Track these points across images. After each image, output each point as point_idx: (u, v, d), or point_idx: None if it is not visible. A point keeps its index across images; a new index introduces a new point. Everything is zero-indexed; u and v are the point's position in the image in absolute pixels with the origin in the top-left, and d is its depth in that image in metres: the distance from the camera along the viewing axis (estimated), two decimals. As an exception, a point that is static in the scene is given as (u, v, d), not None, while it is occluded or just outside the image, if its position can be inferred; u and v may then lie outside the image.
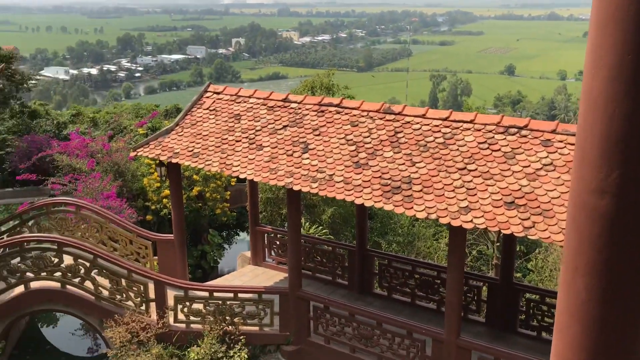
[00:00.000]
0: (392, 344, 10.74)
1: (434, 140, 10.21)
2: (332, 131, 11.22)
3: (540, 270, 16.44)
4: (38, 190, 20.68)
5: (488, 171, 9.31)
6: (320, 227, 16.52)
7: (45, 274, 11.85)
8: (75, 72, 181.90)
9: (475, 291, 12.35)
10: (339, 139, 11.01)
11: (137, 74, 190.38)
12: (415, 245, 17.39)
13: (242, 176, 11.15)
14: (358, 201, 9.83)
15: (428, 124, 10.53)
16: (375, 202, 9.65)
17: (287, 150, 11.20)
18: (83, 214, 14.05)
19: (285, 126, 11.78)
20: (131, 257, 13.79)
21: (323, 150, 10.93)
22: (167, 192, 18.33)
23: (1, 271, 11.72)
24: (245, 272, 15.00)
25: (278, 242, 15.00)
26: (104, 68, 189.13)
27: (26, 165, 19.63)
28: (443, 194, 9.28)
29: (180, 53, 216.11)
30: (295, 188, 10.48)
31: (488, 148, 9.67)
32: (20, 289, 12.00)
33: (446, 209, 9.05)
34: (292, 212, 11.55)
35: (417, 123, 10.64)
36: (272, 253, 15.13)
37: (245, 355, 11.53)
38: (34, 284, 12.00)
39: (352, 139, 10.89)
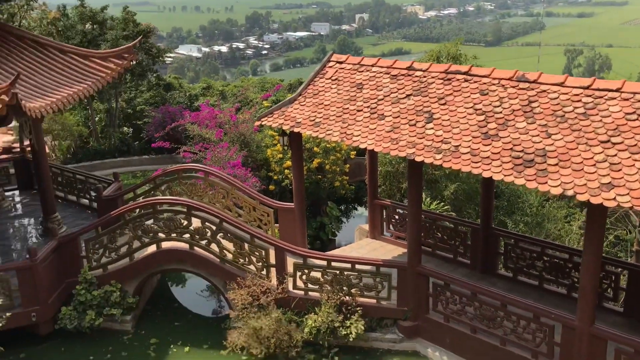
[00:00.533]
0: (517, 327, 10.12)
1: (573, 111, 9.33)
2: (459, 100, 10.65)
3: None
4: (171, 158, 21.94)
5: (636, 144, 8.34)
6: (442, 204, 15.96)
7: (175, 235, 12.51)
8: (207, 49, 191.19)
9: (612, 278, 11.30)
10: (467, 108, 10.43)
11: (264, 52, 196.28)
12: (544, 226, 16.30)
13: (362, 146, 10.95)
14: (485, 174, 9.25)
15: (567, 93, 9.64)
16: (505, 175, 9.02)
17: (410, 120, 10.81)
18: (211, 181, 14.64)
19: (408, 95, 11.37)
20: (254, 223, 14.18)
21: (449, 120, 10.42)
22: (289, 163, 18.62)
23: (136, 231, 12.53)
24: (363, 244, 14.90)
25: (397, 217, 14.69)
26: (233, 46, 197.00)
27: (160, 134, 20.85)
28: (582, 169, 8.46)
29: (305, 30, 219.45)
30: (418, 159, 10.09)
31: (638, 119, 8.66)
32: (152, 248, 12.76)
33: (585, 184, 8.25)
34: (412, 185, 11.18)
35: (554, 92, 9.79)
36: (390, 227, 14.87)
37: (362, 327, 11.46)
38: (165, 244, 12.71)
39: (480, 109, 10.26)
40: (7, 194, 17.58)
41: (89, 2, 23.15)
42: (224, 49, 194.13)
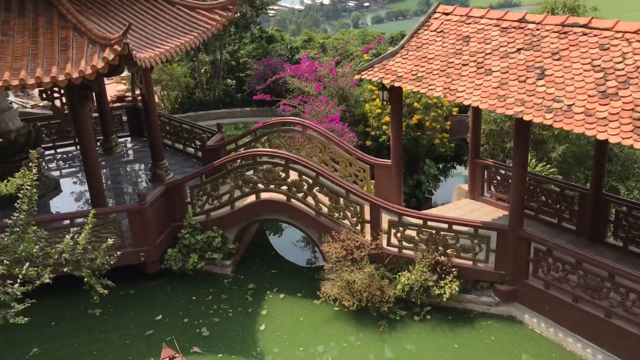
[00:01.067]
0: (625, 300, 9.52)
1: None
2: (576, 55, 9.87)
3: None
4: (271, 110, 22.26)
5: None
6: (548, 166, 15.12)
7: (273, 186, 12.78)
8: (309, 2, 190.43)
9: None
10: (583, 64, 9.66)
11: (366, 4, 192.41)
12: (663, 194, 15.03)
13: (466, 102, 10.50)
14: (601, 136, 8.60)
15: None
16: (623, 138, 8.34)
17: (520, 76, 10.19)
18: (308, 134, 14.73)
19: (519, 49, 10.69)
20: (350, 178, 14.17)
21: (562, 77, 9.71)
22: (387, 118, 18.33)
23: (237, 180, 12.91)
24: (461, 205, 14.50)
25: (499, 178, 14.11)
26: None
27: (262, 86, 21.13)
28: None
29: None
30: (526, 118, 9.54)
31: None
32: (252, 198, 13.12)
33: None
34: (519, 145, 10.62)
35: (689, 47, 8.81)
36: (491, 188, 14.33)
37: (457, 288, 11.26)
38: (264, 195, 13.03)
39: (599, 65, 9.47)
40: (119, 140, 18.68)
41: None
42: (325, 1, 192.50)
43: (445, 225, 11.53)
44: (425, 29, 12.68)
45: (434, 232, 11.59)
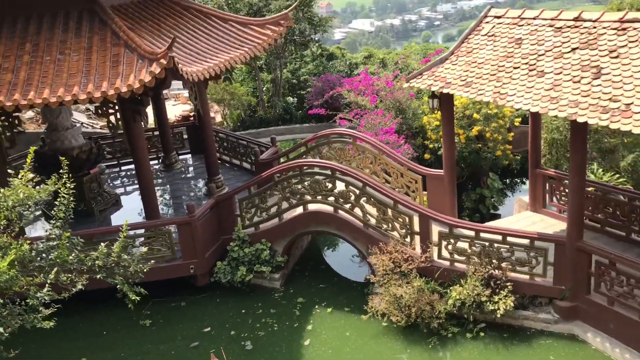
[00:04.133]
0: (699, 318, 8.60)
1: None
2: (636, 52, 9.16)
3: None
4: (329, 125, 22.22)
5: None
6: (617, 176, 14.11)
7: (320, 197, 12.60)
8: (379, 23, 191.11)
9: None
10: (644, 61, 8.94)
11: (437, 22, 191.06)
12: None
13: (516, 106, 9.97)
14: (662, 136, 7.88)
15: None
16: (687, 137, 7.59)
17: (574, 77, 9.57)
18: (359, 145, 14.50)
19: (574, 49, 10.06)
20: (401, 190, 13.79)
21: (620, 75, 9.03)
22: (446, 130, 17.83)
23: (284, 192, 12.84)
24: (521, 217, 13.76)
25: (562, 188, 13.29)
26: (406, 18, 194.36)
27: (319, 102, 21.17)
28: None
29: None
30: (580, 120, 8.91)
31: None
32: (300, 210, 13.00)
33: None
34: (576, 149, 9.94)
35: None
36: (554, 200, 13.51)
37: (512, 303, 10.60)
38: (311, 207, 12.87)
39: (661, 61, 8.73)
40: (180, 157, 19.15)
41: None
42: (396, 21, 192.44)
43: (499, 237, 10.92)
44: (476, 33, 12.24)
45: (487, 244, 11.00)
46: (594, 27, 10.11)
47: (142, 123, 12.95)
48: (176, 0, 14.70)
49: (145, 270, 7.92)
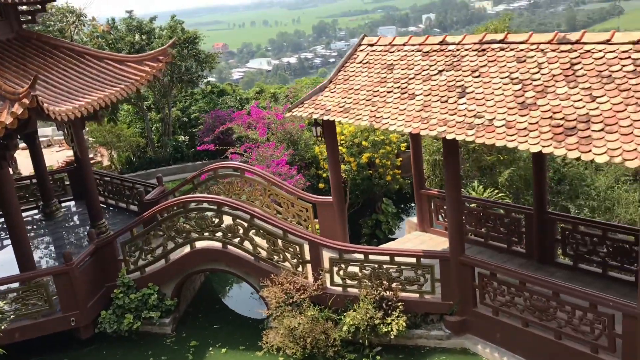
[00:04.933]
0: (572, 318, 9.00)
1: (621, 69, 8.21)
2: (494, 71, 9.70)
3: None
4: (222, 161, 21.83)
5: (696, 99, 7.15)
6: (496, 191, 14.82)
7: (207, 234, 12.19)
8: (276, 62, 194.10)
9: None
10: (502, 78, 9.48)
11: (332, 59, 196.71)
12: (614, 211, 14.77)
13: (391, 128, 10.21)
14: (522, 147, 8.30)
15: (613, 51, 8.52)
16: (544, 146, 8.05)
17: (442, 97, 9.96)
18: (247, 178, 14.29)
19: (440, 71, 10.52)
20: (293, 219, 13.67)
21: (482, 93, 9.50)
22: (337, 159, 18.06)
23: (169, 231, 12.32)
24: (411, 238, 14.05)
25: (445, 207, 13.72)
26: (302, 56, 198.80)
27: (210, 138, 20.82)
28: (631, 132, 7.38)
29: (372, 35, 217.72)
30: (448, 137, 9.24)
31: (697, 70, 7.45)
32: (187, 248, 12.50)
33: (635, 149, 7.16)
34: (449, 166, 10.29)
35: (600, 51, 8.68)
36: (440, 218, 13.92)
37: (404, 323, 10.64)
38: (199, 244, 12.42)
39: (517, 77, 9.29)
40: (63, 204, 18.02)
41: (158, 23, 23.77)
42: (292, 60, 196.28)
43: (387, 258, 11.01)
44: (352, 61, 12.54)
45: (376, 266, 11.05)
46: (457, 50, 10.64)
47: (10, 169, 12.03)
48: (45, 40, 13.95)
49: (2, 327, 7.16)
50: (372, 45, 12.47)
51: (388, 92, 10.94)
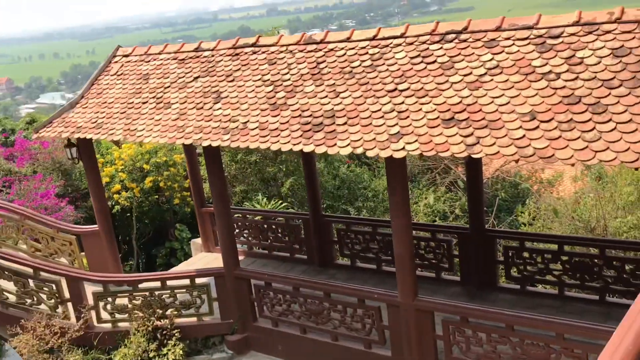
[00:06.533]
0: (345, 316, 8.94)
1: (360, 65, 8.37)
2: (247, 74, 9.41)
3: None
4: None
5: (422, 88, 7.46)
6: (280, 201, 14.71)
7: None
8: (70, 95, 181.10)
9: (444, 246, 10.49)
10: (255, 81, 9.21)
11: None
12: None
13: (146, 140, 9.39)
14: (274, 147, 8.03)
15: (353, 48, 8.69)
16: (294, 145, 7.84)
17: (198, 104, 9.41)
18: (-4, 214, 12.37)
19: (196, 77, 9.98)
20: (55, 256, 12.08)
21: (237, 97, 9.13)
22: (117, 186, 16.69)
23: None
24: (197, 260, 13.29)
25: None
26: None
27: (-37, 176, 18.03)
28: (370, 123, 7.46)
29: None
30: (204, 144, 8.69)
31: (422, 62, 7.81)
32: None
33: (374, 139, 7.23)
34: (213, 176, 9.75)
35: (342, 49, 8.81)
36: (224, 235, 13.33)
37: (181, 352, 9.75)
38: None
39: (269, 79, 9.08)
40: None
41: None
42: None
43: (158, 284, 10.09)
44: (105, 74, 11.48)
45: (147, 293, 10.06)
46: (212, 55, 10.21)
47: None
48: None
49: None
50: (127, 55, 11.56)
51: (143, 103, 10.11)
